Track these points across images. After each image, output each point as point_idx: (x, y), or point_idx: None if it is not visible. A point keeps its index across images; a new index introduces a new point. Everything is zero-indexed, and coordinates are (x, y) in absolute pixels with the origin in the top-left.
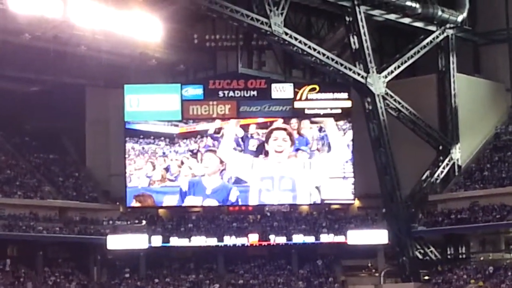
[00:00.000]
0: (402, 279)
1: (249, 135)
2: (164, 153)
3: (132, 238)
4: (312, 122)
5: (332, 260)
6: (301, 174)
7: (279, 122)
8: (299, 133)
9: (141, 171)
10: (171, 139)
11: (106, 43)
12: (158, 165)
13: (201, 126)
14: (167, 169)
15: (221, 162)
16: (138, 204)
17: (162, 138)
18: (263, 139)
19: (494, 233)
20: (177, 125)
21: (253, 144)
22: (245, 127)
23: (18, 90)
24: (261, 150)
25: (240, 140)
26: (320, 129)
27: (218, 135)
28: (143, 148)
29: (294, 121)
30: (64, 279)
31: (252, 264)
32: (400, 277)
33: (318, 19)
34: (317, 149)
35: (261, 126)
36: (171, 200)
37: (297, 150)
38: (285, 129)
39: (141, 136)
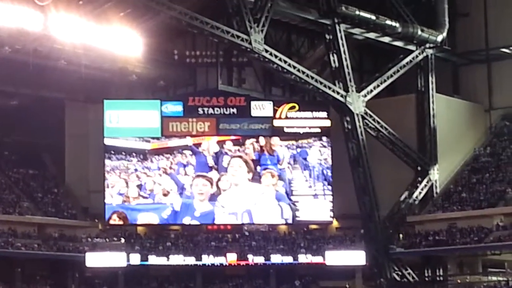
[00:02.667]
0: None
1: (223, 151)
2: (136, 169)
3: (110, 256)
4: (282, 140)
5: (310, 281)
6: (271, 193)
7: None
8: (268, 150)
9: (114, 188)
10: (144, 156)
11: (86, 57)
12: (131, 182)
13: (173, 142)
14: (139, 187)
15: (212, 185)
16: (120, 222)
17: (134, 154)
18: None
19: (471, 256)
20: (148, 141)
21: (227, 161)
22: (220, 143)
23: None
24: None
25: (214, 156)
26: (294, 147)
27: (199, 149)
28: (114, 165)
29: (262, 139)
30: None
31: (230, 283)
32: None
33: (299, 37)
34: (289, 168)
35: (235, 143)
36: (147, 218)
37: (265, 168)
38: (240, 157)
39: (112, 152)
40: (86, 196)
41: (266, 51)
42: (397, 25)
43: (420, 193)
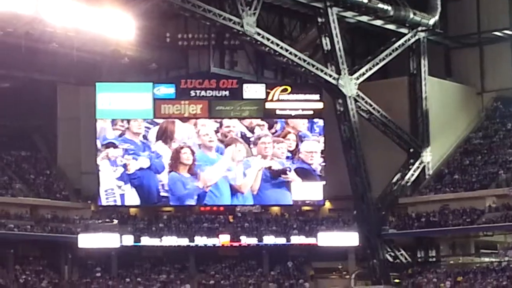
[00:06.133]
0: (373, 282)
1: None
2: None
3: (103, 237)
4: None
5: (302, 262)
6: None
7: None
8: None
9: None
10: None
11: (78, 40)
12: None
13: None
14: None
15: None
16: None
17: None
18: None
19: (464, 237)
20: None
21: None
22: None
23: None
24: None
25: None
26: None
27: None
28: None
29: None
30: (35, 277)
31: (223, 264)
32: (371, 279)
33: (291, 20)
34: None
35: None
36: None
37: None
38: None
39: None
40: (78, 177)
41: (258, 34)
42: (389, 8)
43: (412, 175)
